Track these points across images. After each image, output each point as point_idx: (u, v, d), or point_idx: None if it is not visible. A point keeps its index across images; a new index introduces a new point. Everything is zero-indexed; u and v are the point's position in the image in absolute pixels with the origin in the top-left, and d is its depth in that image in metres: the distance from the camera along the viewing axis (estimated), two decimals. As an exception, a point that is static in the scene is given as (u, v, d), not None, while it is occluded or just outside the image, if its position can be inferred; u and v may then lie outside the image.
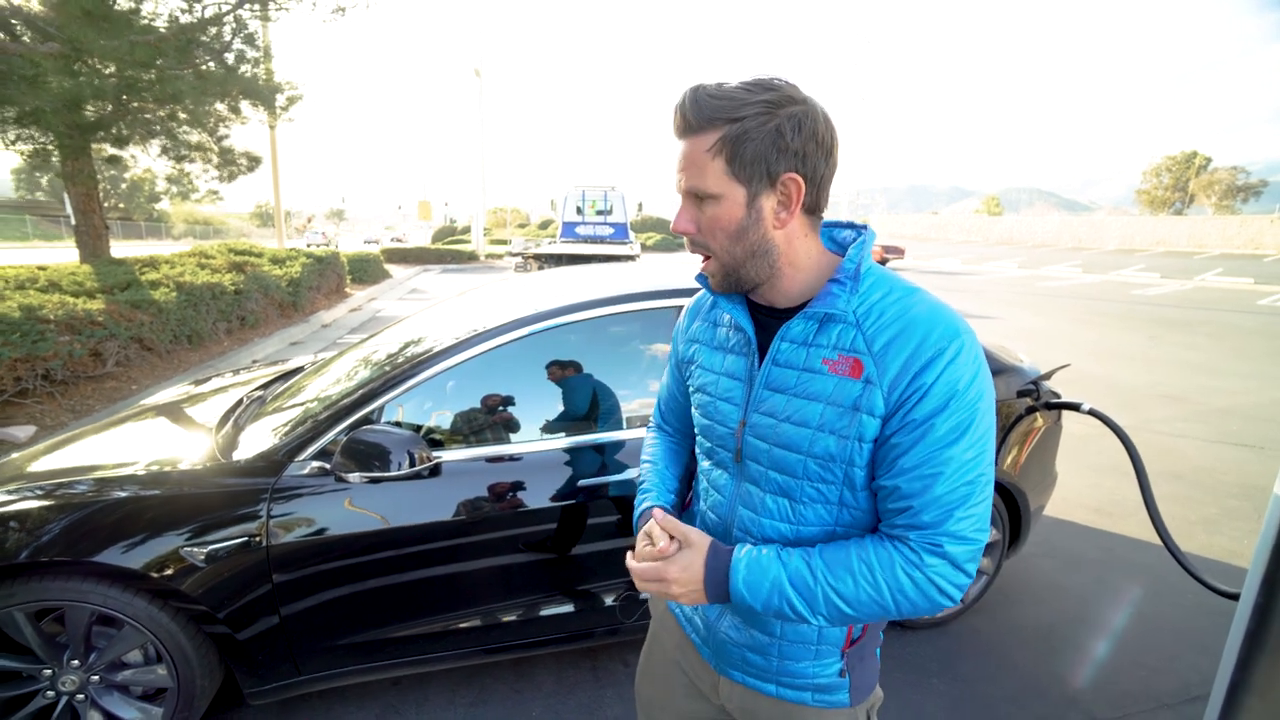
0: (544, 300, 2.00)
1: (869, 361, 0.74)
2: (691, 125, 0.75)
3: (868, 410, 0.73)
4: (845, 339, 0.76)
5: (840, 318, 0.77)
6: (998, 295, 15.01)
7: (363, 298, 12.44)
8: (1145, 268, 24.71)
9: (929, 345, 0.72)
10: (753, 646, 0.89)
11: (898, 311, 0.75)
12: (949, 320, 0.74)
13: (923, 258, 29.48)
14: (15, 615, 1.55)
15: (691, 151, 0.76)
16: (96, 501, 1.62)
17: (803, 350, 0.79)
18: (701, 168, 0.75)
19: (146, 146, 9.09)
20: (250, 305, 7.85)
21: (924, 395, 0.71)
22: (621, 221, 15.69)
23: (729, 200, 0.75)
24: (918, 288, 0.79)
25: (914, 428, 0.72)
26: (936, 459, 0.71)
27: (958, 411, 0.71)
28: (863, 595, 0.73)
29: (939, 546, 0.72)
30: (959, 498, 0.72)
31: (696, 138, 0.75)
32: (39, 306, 4.75)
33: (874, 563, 0.74)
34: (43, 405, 4.53)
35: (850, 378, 0.75)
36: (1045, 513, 3.30)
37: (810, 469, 0.78)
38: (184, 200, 17.92)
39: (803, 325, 0.80)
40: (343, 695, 2.00)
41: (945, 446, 0.71)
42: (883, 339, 0.74)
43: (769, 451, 0.81)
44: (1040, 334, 9.49)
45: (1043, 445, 2.47)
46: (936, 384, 0.71)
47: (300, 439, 1.73)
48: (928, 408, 0.71)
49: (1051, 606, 2.60)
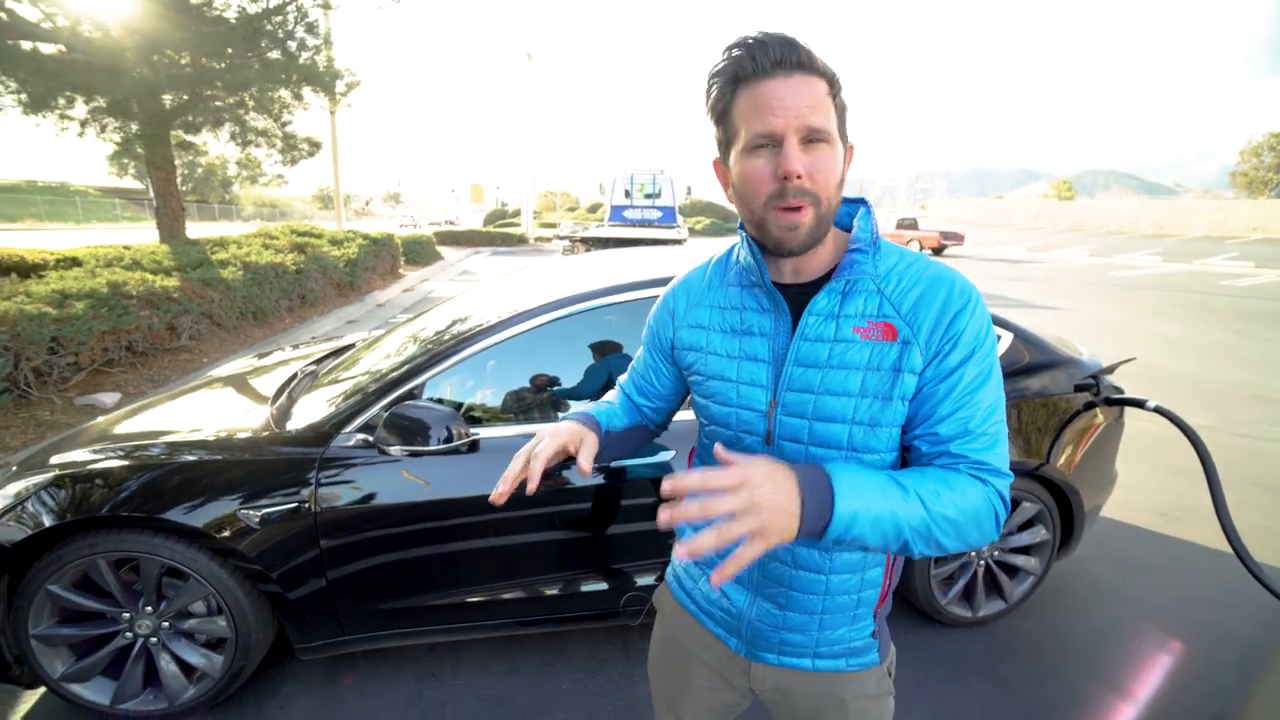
0: (583, 282, 2.02)
1: (900, 324, 0.77)
2: (805, 63, 0.71)
3: (909, 369, 0.77)
4: (871, 306, 0.79)
5: (863, 286, 0.79)
6: (1065, 285, 14.15)
7: (415, 278, 12.85)
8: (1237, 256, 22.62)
9: (954, 299, 0.77)
10: (790, 627, 0.89)
11: (915, 274, 0.79)
12: (960, 278, 0.79)
13: (984, 244, 28.08)
14: (99, 562, 1.71)
15: (815, 91, 0.71)
16: (166, 464, 1.75)
17: (831, 322, 0.79)
18: (827, 109, 0.72)
19: (217, 133, 9.60)
20: (310, 284, 8.23)
21: (955, 344, 0.76)
22: (670, 205, 15.56)
23: (838, 150, 0.74)
24: (920, 254, 0.83)
25: (946, 375, 0.76)
26: (969, 401, 0.75)
27: (981, 358, 0.77)
28: (942, 506, 0.69)
29: (984, 475, 0.74)
30: (992, 436, 0.76)
31: (811, 78, 0.71)
32: (123, 283, 5.12)
33: (953, 482, 0.71)
34: (126, 374, 4.90)
35: (885, 341, 0.77)
36: (1105, 515, 3.13)
37: (855, 438, 0.78)
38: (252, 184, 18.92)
39: (828, 298, 0.80)
40: (384, 656, 2.11)
41: (975, 390, 0.76)
42: (909, 300, 0.78)
43: (809, 427, 0.80)
44: (1110, 326, 8.91)
45: (1101, 443, 2.33)
46: (964, 332, 0.76)
47: (346, 412, 1.81)
48: (959, 356, 0.76)
49: (1104, 612, 2.47)
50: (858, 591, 0.87)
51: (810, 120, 0.71)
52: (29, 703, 1.90)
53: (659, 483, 1.84)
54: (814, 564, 0.86)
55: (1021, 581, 2.35)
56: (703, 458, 0.97)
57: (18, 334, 3.92)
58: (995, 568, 2.30)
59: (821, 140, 0.72)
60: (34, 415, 3.99)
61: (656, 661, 1.09)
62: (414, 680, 2.02)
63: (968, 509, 0.71)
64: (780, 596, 0.88)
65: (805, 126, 0.71)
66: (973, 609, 2.30)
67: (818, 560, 0.86)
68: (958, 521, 0.69)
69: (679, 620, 1.03)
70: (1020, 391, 2.19)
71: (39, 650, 1.75)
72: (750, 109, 0.72)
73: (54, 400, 4.21)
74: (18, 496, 1.72)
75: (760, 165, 0.73)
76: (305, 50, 7.65)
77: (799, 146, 0.72)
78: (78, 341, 4.36)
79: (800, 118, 0.70)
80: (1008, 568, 2.34)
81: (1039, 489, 2.23)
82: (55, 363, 4.30)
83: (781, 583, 0.88)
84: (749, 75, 0.72)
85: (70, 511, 1.68)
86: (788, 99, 0.70)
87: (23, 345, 3.96)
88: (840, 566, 0.86)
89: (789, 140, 0.71)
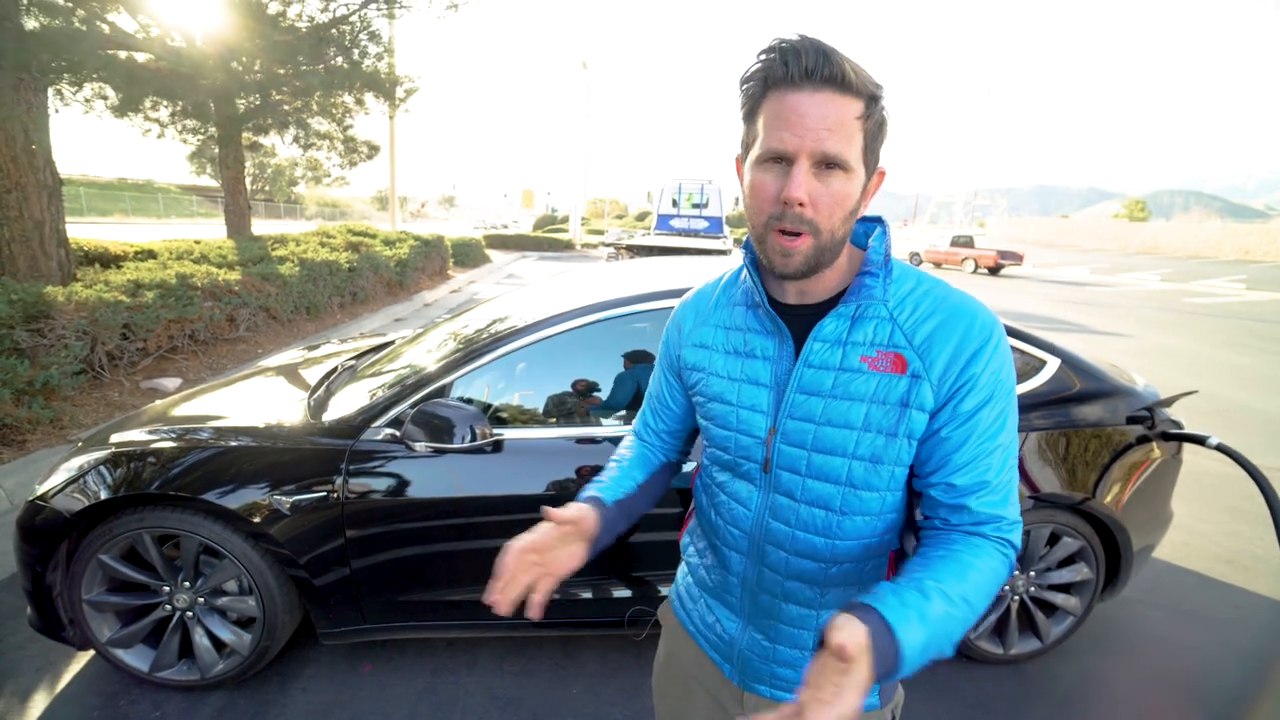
0: (616, 289, 2.03)
1: (912, 355, 0.73)
2: (837, 79, 0.65)
3: (917, 406, 0.72)
4: (882, 334, 0.74)
5: (874, 312, 0.75)
6: (1131, 310, 13.37)
7: (463, 280, 13.20)
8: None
9: (973, 336, 0.72)
10: (780, 661, 0.86)
11: (932, 303, 0.74)
12: (983, 310, 0.75)
13: (1044, 265, 26.84)
14: (144, 536, 1.81)
15: (841, 112, 0.65)
16: (211, 447, 1.85)
17: (837, 349, 0.76)
18: (850, 135, 0.66)
19: (283, 135, 10.15)
20: (362, 282, 8.57)
21: (973, 388, 0.72)
22: (717, 215, 15.52)
23: (855, 178, 0.69)
24: (939, 279, 0.77)
25: (963, 420, 0.72)
26: (987, 449, 0.72)
27: (999, 400, 0.73)
28: (982, 600, 0.69)
29: (1005, 537, 0.73)
30: (1006, 484, 0.73)
31: (841, 96, 0.65)
32: (190, 275, 5.45)
33: (983, 566, 0.70)
34: (188, 362, 5.21)
35: (894, 374, 0.73)
36: (1161, 557, 2.93)
37: (855, 474, 0.75)
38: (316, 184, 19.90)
39: (835, 323, 0.76)
40: (403, 649, 2.16)
41: (991, 437, 0.72)
42: (924, 331, 0.73)
43: (807, 458, 0.77)
44: (1179, 355, 8.36)
45: (1155, 480, 2.18)
46: (983, 374, 0.71)
47: (377, 407, 1.87)
48: (977, 400, 0.72)
49: (1152, 662, 2.31)
50: None
51: (827, 145, 0.66)
52: (80, 664, 2.04)
53: (681, 492, 1.82)
54: (804, 599, 0.83)
55: (1060, 621, 2.22)
56: (704, 477, 0.94)
57: (96, 319, 4.22)
58: (1031, 604, 2.18)
59: (837, 167, 0.67)
60: (105, 396, 4.28)
61: (660, 679, 1.08)
62: (429, 674, 2.05)
63: (997, 582, 0.71)
64: (770, 629, 0.86)
65: (820, 151, 0.66)
66: (1004, 646, 2.18)
67: (808, 595, 0.82)
68: (991, 594, 0.70)
69: (679, 639, 1.01)
70: (1066, 421, 2.08)
71: (90, 615, 1.87)
72: (771, 118, 0.68)
73: (123, 383, 4.51)
74: (80, 470, 1.85)
75: (768, 181, 0.69)
76: (368, 57, 8.03)
77: (809, 171, 0.67)
78: (146, 328, 4.66)
79: (817, 141, 0.66)
80: (1045, 605, 2.21)
81: (1082, 524, 2.11)
82: (126, 348, 4.60)
83: (771, 615, 0.85)
84: (779, 81, 0.67)
85: (123, 487, 1.80)
86: (809, 117, 0.65)
87: (99, 330, 4.26)
88: (832, 602, 0.82)
89: (799, 163, 0.67)
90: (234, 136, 8.99)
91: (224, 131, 8.65)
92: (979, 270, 21.43)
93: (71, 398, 4.07)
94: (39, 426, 3.59)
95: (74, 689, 1.94)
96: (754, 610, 0.87)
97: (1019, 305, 13.16)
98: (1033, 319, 10.92)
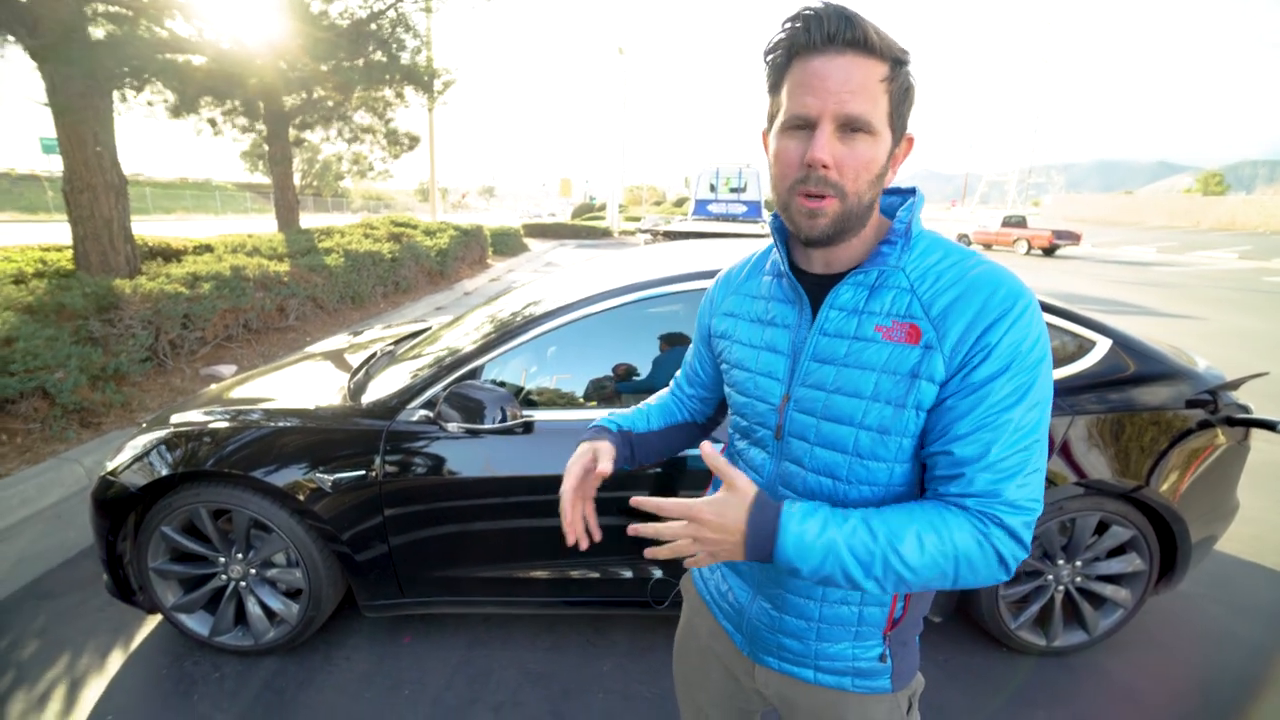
0: (647, 271, 2.03)
1: (926, 326, 0.71)
2: (859, 41, 0.65)
3: (927, 377, 0.70)
4: (899, 304, 0.73)
5: (893, 282, 0.73)
6: (1202, 290, 12.52)
7: (502, 269, 13.41)
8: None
9: (994, 306, 0.69)
10: (787, 631, 0.86)
11: (956, 274, 0.72)
12: (1012, 281, 0.71)
13: (1105, 245, 25.39)
14: (201, 510, 1.93)
15: (865, 75, 0.66)
16: (260, 427, 1.95)
17: (853, 318, 0.75)
18: (875, 97, 0.66)
19: (327, 130, 10.46)
20: (404, 272, 8.81)
21: (987, 357, 0.68)
22: (755, 200, 15.27)
23: (881, 141, 0.69)
24: (974, 252, 0.74)
25: (972, 390, 0.69)
26: (994, 422, 0.68)
27: (1019, 373, 0.68)
28: (927, 559, 0.66)
29: (997, 516, 0.68)
30: (1015, 464, 0.68)
31: (864, 59, 0.66)
32: (243, 267, 5.71)
33: (941, 526, 0.67)
34: (242, 349, 5.48)
35: (907, 344, 0.72)
36: (1227, 550, 2.77)
37: (861, 444, 0.74)
38: (361, 178, 20.46)
39: (852, 292, 0.75)
40: (440, 622, 2.24)
41: (1004, 410, 0.68)
42: (942, 302, 0.71)
43: (816, 426, 0.77)
44: (1255, 338, 7.80)
45: (1218, 468, 2.05)
46: (1000, 344, 0.68)
47: (411, 389, 1.93)
48: (989, 370, 0.68)
49: (1211, 658, 2.19)
50: (858, 605, 0.82)
51: (850, 107, 0.66)
52: (149, 626, 2.19)
53: (703, 474, 1.82)
54: None
55: (1109, 613, 2.13)
56: (730, 449, 0.95)
57: (159, 310, 4.48)
58: (1077, 595, 2.10)
59: (861, 130, 0.67)
60: (168, 382, 4.55)
61: (680, 647, 1.10)
62: (465, 647, 2.13)
63: (954, 555, 0.67)
64: (777, 598, 0.86)
65: (843, 113, 0.66)
66: (1047, 637, 2.11)
67: None
68: (938, 562, 0.67)
69: (698, 609, 1.04)
70: (1119, 404, 1.97)
71: (155, 582, 2.01)
72: (795, 85, 0.68)
73: (184, 370, 4.78)
74: (144, 448, 1.98)
75: (792, 147, 0.70)
76: (405, 50, 8.17)
77: (833, 134, 0.67)
78: (204, 318, 4.92)
79: (840, 103, 0.66)
80: (1092, 596, 2.12)
81: (1134, 513, 2.01)
82: (186, 337, 4.87)
83: (778, 584, 0.86)
84: (802, 47, 0.67)
85: (182, 464, 1.92)
86: (830, 80, 0.66)
87: (162, 320, 4.52)
88: None
89: (822, 126, 0.67)
90: (281, 133, 9.32)
91: (272, 128, 8.97)
92: (1032, 251, 20.42)
93: (139, 383, 4.35)
94: (112, 410, 3.85)
95: (146, 649, 2.10)
96: (763, 579, 0.88)
97: (1073, 286, 12.50)
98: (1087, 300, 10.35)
